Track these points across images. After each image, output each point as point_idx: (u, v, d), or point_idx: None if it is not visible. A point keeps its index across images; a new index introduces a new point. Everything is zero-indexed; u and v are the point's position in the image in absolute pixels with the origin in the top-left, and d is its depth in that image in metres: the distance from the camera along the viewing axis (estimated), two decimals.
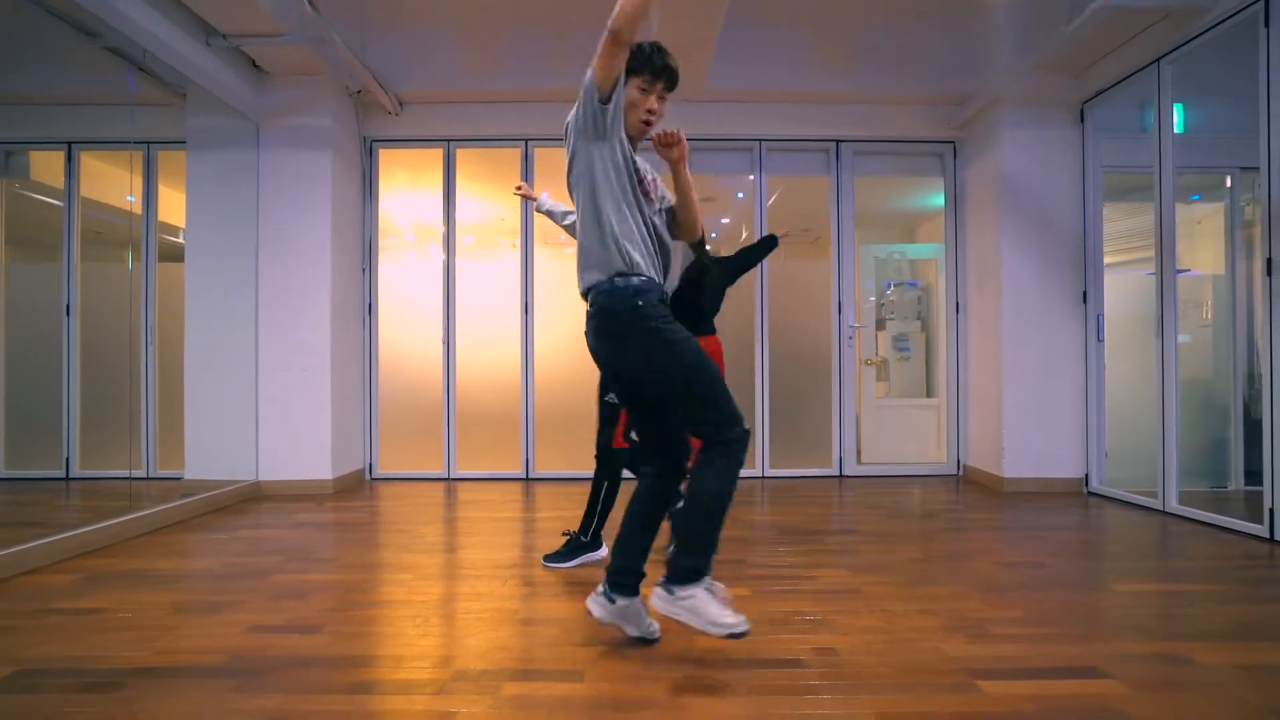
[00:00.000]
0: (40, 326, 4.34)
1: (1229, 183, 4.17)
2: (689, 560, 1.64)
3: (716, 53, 3.94)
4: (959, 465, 4.65)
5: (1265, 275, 2.87)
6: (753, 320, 4.61)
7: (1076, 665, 1.67)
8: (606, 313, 1.72)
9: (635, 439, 2.33)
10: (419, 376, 4.65)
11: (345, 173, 4.26)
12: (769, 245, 3.09)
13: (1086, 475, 4.05)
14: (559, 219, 2.58)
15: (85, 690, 1.54)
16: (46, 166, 4.53)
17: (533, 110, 4.44)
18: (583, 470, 4.55)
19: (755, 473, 4.58)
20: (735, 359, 4.57)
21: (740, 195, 4.88)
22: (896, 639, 1.83)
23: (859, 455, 4.81)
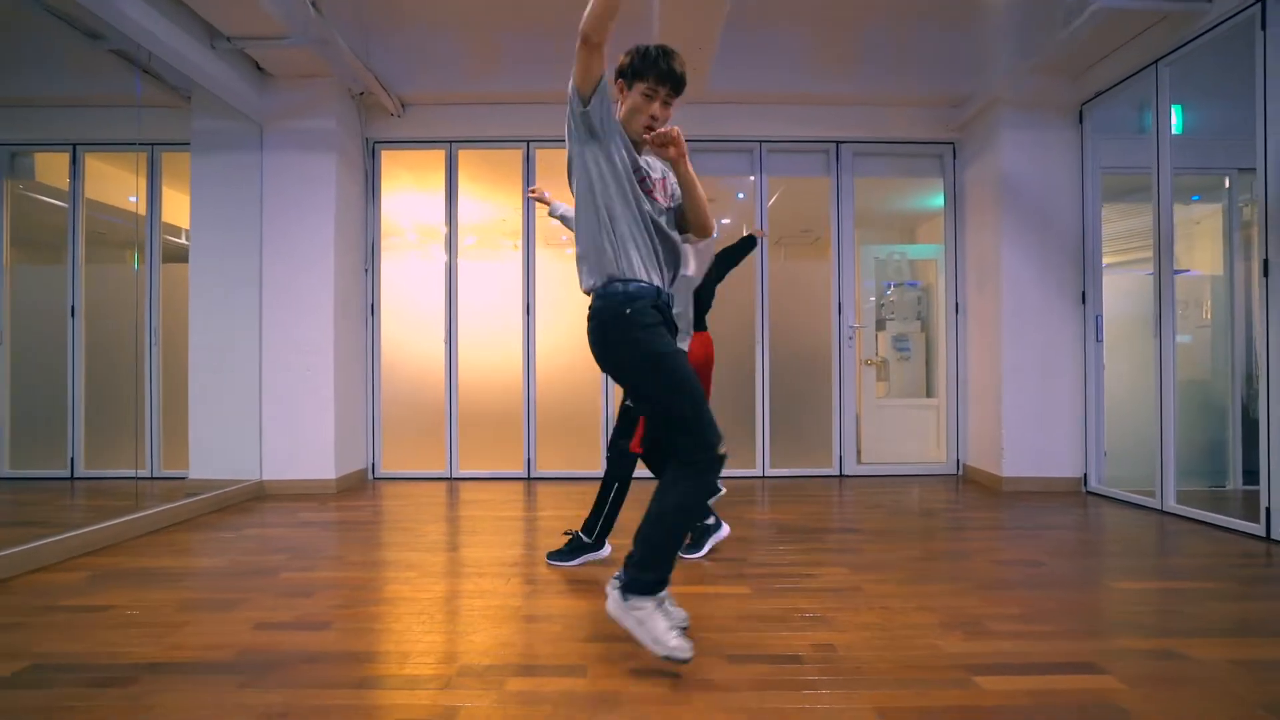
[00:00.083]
0: (45, 327, 4.37)
1: (1227, 184, 4.19)
2: (647, 574, 1.64)
3: (717, 54, 3.97)
4: (958, 465, 4.67)
5: (1262, 276, 2.89)
6: (753, 320, 4.64)
7: (1073, 661, 1.70)
8: (598, 317, 1.74)
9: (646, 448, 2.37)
10: (421, 377, 4.67)
11: (348, 174, 4.28)
12: (749, 245, 3.14)
13: (1085, 475, 4.07)
14: (571, 224, 2.61)
15: (97, 685, 1.56)
16: (51, 168, 4.56)
17: (534, 111, 4.47)
18: (584, 470, 4.58)
19: (755, 472, 4.61)
20: (735, 359, 4.61)
21: (741, 196, 4.90)
22: (895, 636, 1.86)
23: (859, 455, 4.83)
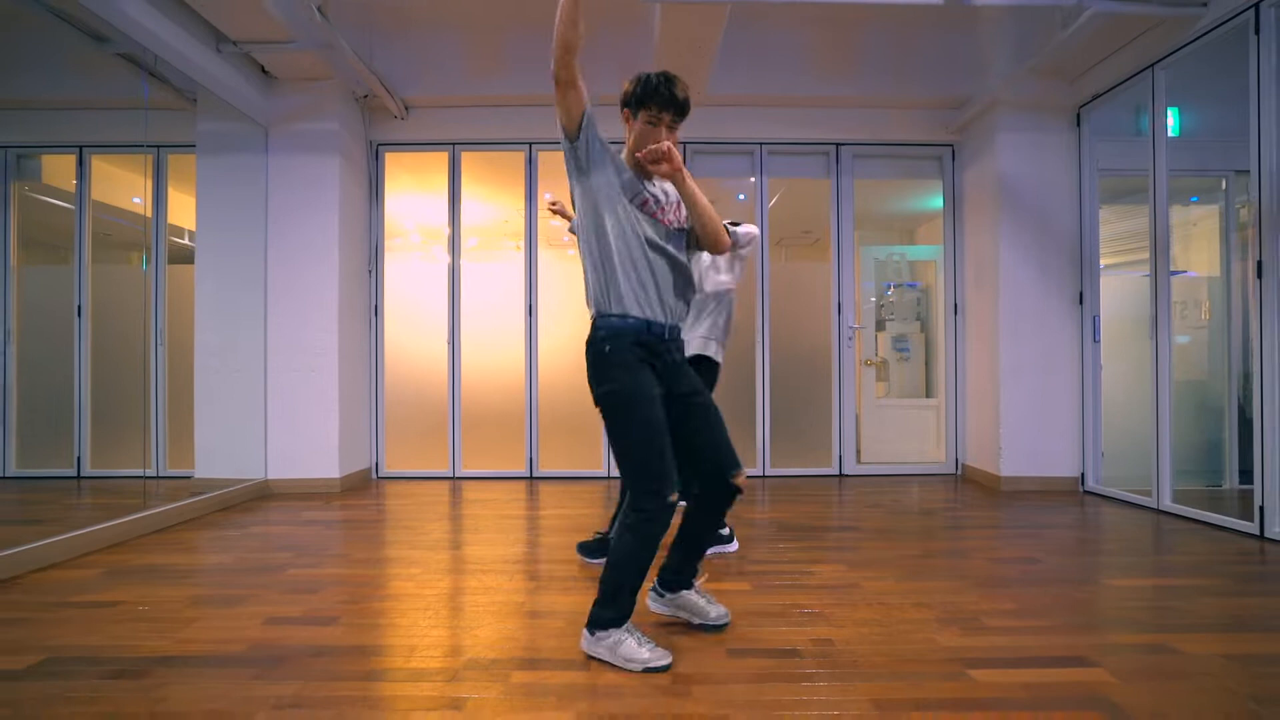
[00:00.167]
0: (52, 328, 4.42)
1: (1224, 186, 4.23)
2: (607, 611, 1.70)
3: (718, 58, 4.00)
4: (957, 464, 4.70)
5: (1256, 278, 2.92)
6: (753, 321, 4.67)
7: (1066, 655, 1.73)
8: (587, 348, 1.76)
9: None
10: (424, 377, 4.71)
11: (352, 176, 4.32)
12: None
13: (1082, 474, 4.10)
14: None
15: (112, 677, 1.60)
16: (57, 170, 4.61)
17: (537, 114, 4.50)
18: (586, 469, 4.62)
19: (756, 472, 4.64)
20: (736, 359, 4.64)
21: (742, 197, 4.94)
22: (892, 630, 1.89)
23: (859, 455, 4.86)
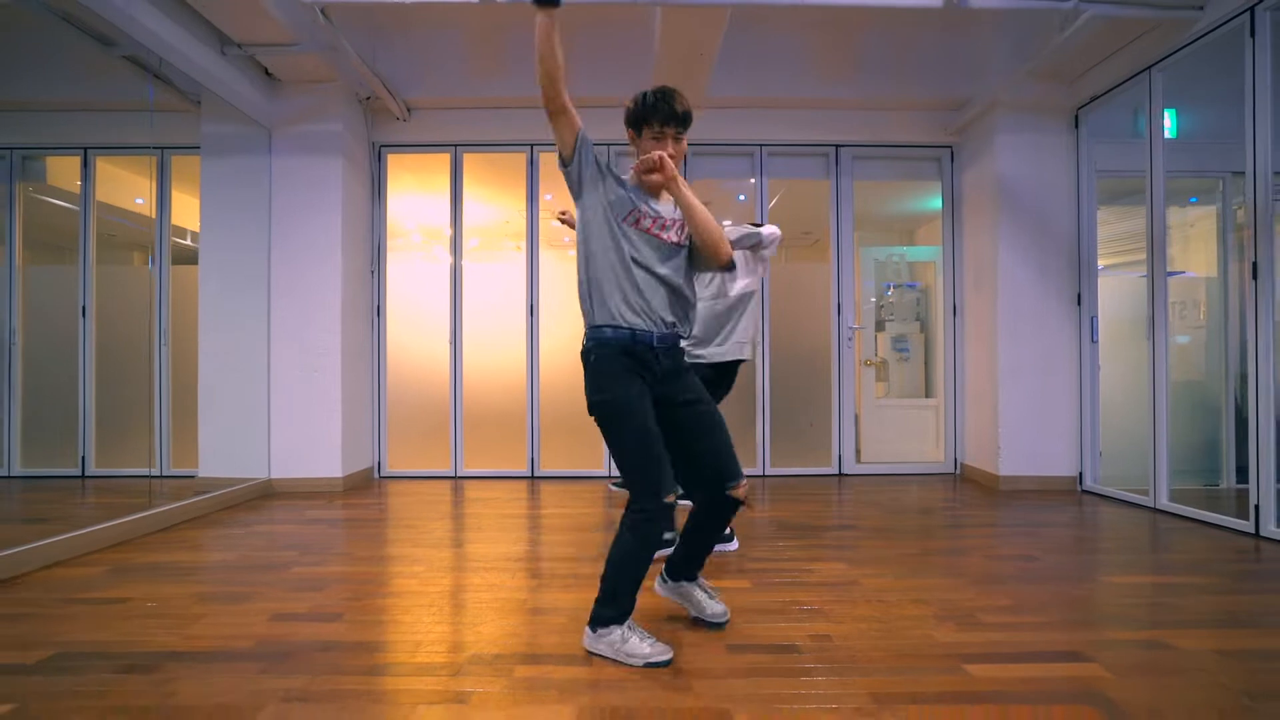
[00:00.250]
0: (56, 328, 4.45)
1: (1221, 187, 4.25)
2: (607, 609, 1.74)
3: (718, 60, 4.03)
4: (956, 464, 4.72)
5: (1251, 279, 2.95)
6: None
7: (1061, 650, 1.76)
8: (582, 358, 1.81)
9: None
10: (426, 377, 4.74)
11: (355, 177, 4.35)
12: None
13: (1080, 473, 4.13)
14: None
15: (121, 671, 1.63)
16: (62, 171, 4.64)
17: (538, 116, 4.43)
18: (587, 469, 4.65)
19: (756, 471, 4.67)
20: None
21: (742, 198, 4.97)
22: (889, 626, 1.92)
23: (858, 454, 4.89)
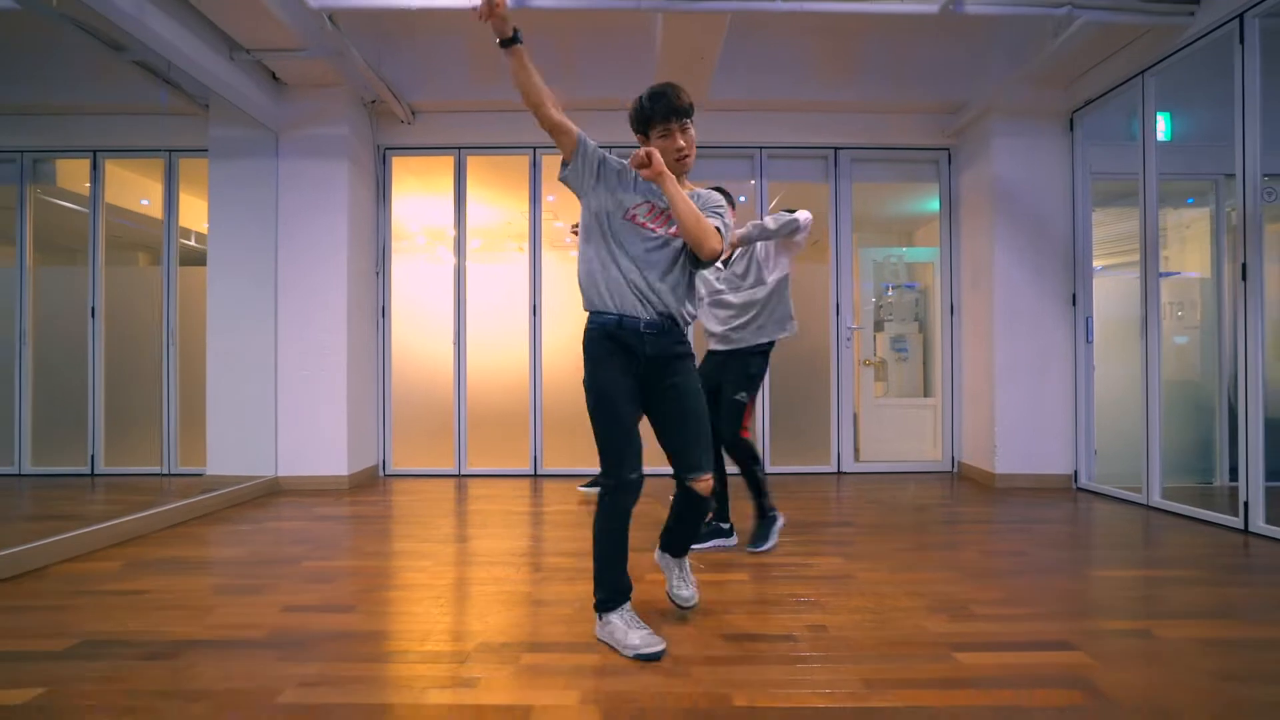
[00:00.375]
0: (66, 328, 4.52)
1: (1215, 189, 4.31)
2: (599, 593, 1.83)
3: (719, 64, 4.09)
4: (954, 462, 4.78)
5: (1240, 280, 3.00)
6: None
7: (1049, 640, 1.82)
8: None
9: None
10: (430, 376, 4.80)
11: (360, 180, 4.42)
12: None
13: (1075, 472, 4.18)
14: None
15: (144, 659, 1.69)
16: (72, 173, 4.71)
17: None
18: (589, 467, 4.70)
19: None
20: None
21: (742, 199, 5.02)
22: (884, 618, 1.98)
23: (857, 453, 4.95)
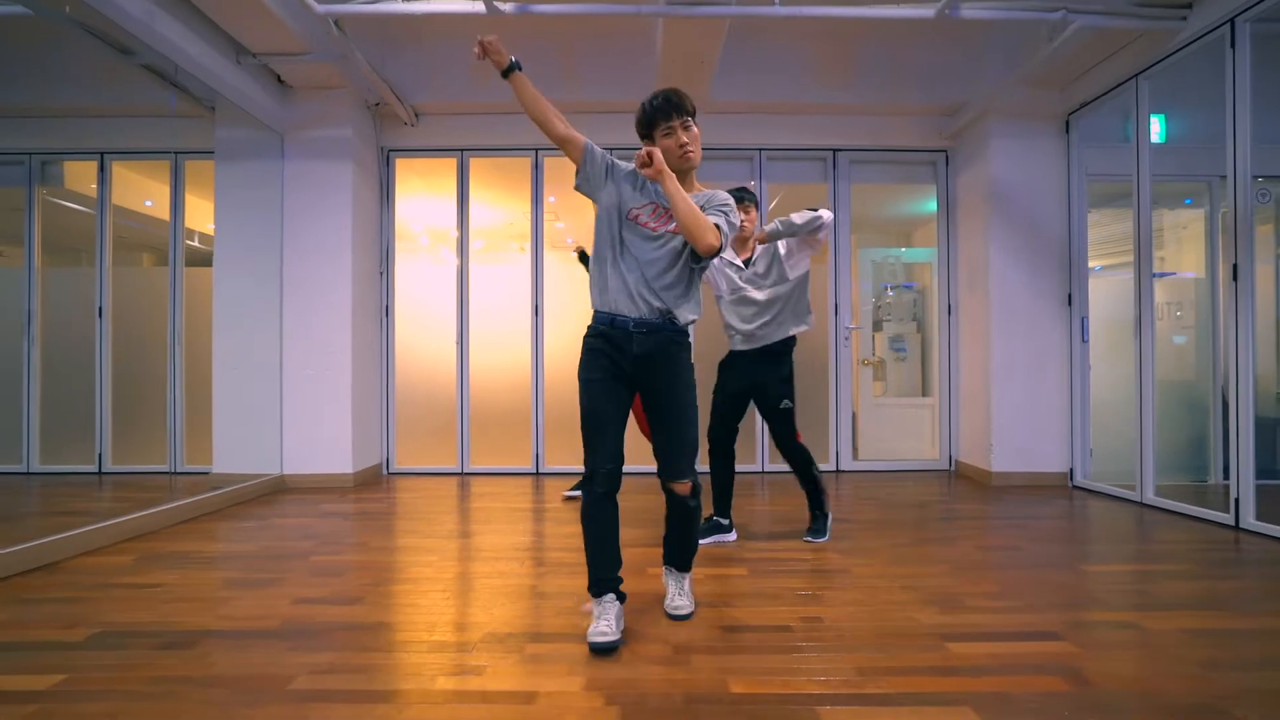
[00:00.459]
0: (74, 328, 4.59)
1: (1209, 190, 4.35)
2: (589, 577, 1.89)
3: (719, 67, 4.15)
4: (951, 461, 4.83)
5: (1231, 280, 3.05)
6: None
7: (1037, 630, 1.87)
8: None
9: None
10: (434, 376, 4.86)
11: (364, 181, 4.47)
12: (580, 259, 3.70)
13: (1071, 470, 4.24)
14: None
15: (161, 648, 1.75)
16: (79, 175, 4.77)
17: None
18: None
19: (755, 468, 4.78)
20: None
21: None
22: (878, 610, 2.04)
23: (855, 452, 5.00)
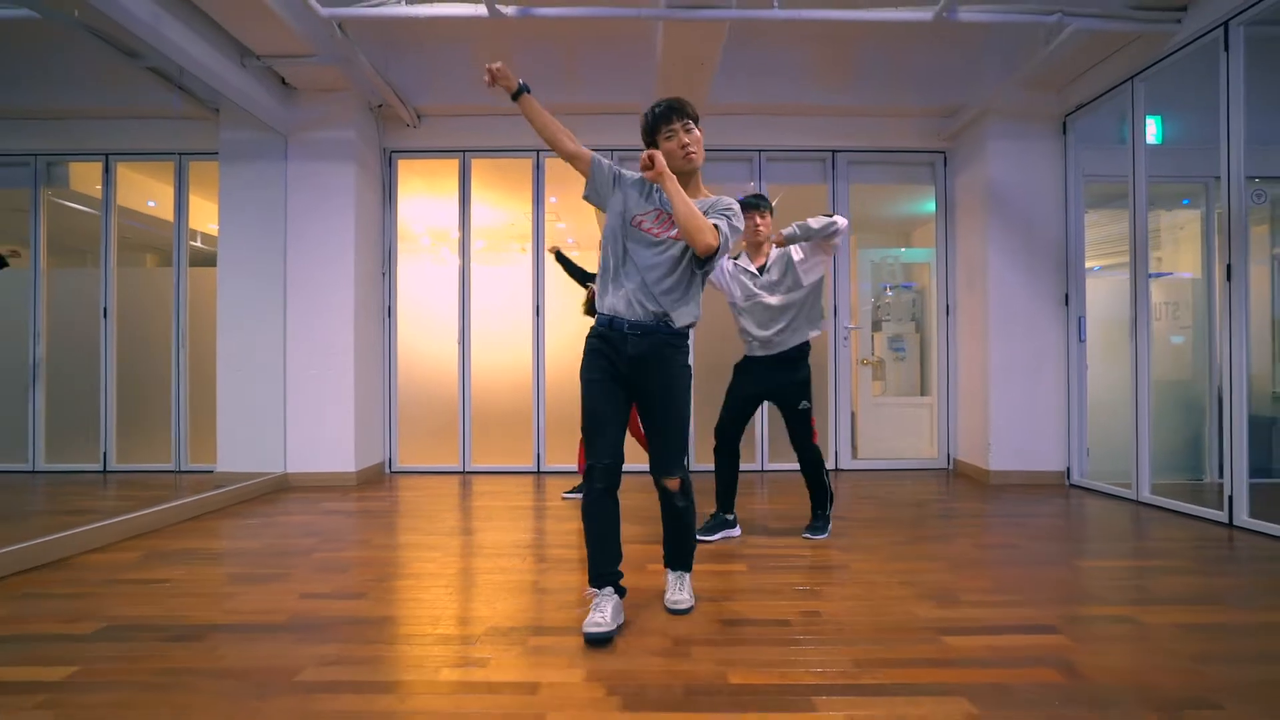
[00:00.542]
0: (79, 328, 4.62)
1: (1205, 190, 4.38)
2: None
3: (719, 70, 4.18)
4: (949, 460, 4.86)
5: (1225, 280, 3.09)
6: None
7: (1032, 624, 1.90)
8: None
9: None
10: (435, 375, 4.89)
11: (366, 182, 4.51)
12: (563, 266, 3.98)
13: (1068, 468, 4.26)
14: None
15: (170, 641, 1.78)
16: (84, 177, 4.81)
17: None
18: None
19: (755, 467, 4.81)
20: (734, 357, 4.79)
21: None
22: (875, 604, 2.07)
23: (854, 450, 5.03)
